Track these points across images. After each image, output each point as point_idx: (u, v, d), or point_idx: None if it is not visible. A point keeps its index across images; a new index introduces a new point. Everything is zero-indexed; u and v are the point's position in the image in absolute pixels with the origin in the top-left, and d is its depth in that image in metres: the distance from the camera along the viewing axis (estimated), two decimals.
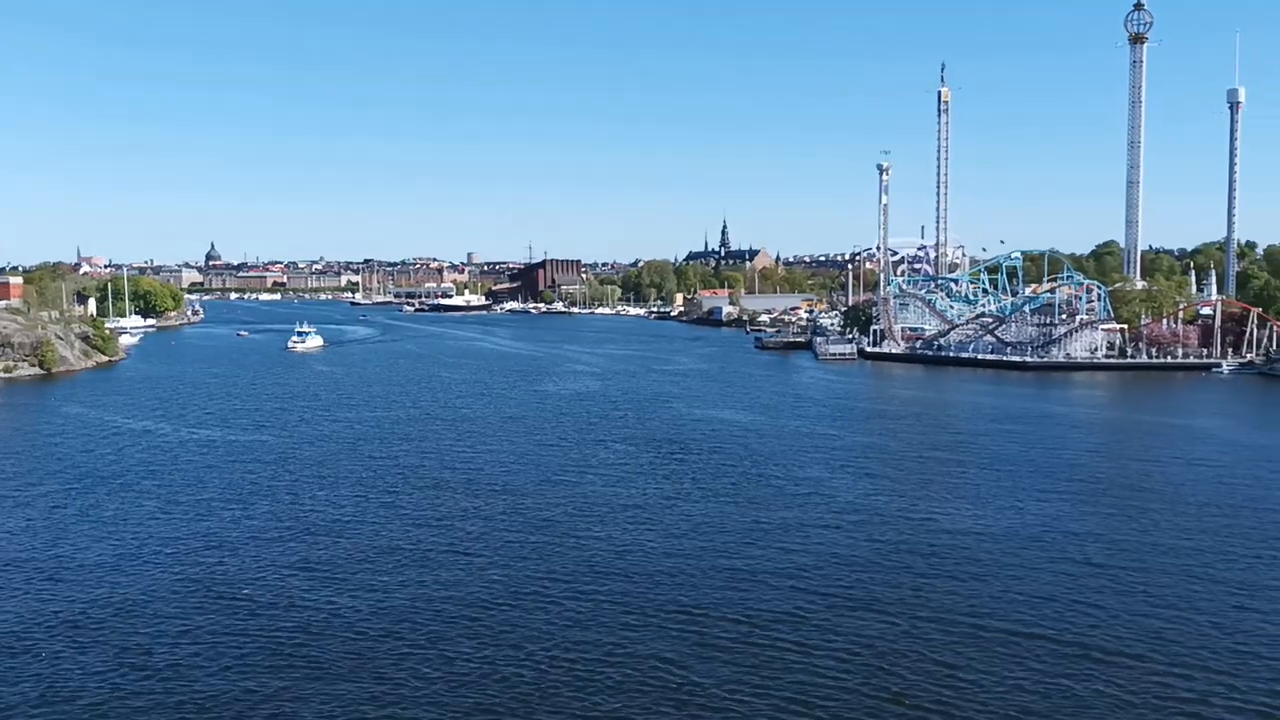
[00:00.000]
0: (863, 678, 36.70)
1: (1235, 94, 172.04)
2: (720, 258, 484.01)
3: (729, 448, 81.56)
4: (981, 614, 42.95)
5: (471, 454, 79.11)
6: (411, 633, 40.81)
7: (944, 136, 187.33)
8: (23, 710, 34.18)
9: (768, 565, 49.66)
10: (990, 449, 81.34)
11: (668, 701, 35.02)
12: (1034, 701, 34.70)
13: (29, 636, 40.45)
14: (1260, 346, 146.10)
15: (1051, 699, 34.85)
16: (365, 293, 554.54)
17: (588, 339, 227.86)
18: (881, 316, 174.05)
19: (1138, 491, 65.75)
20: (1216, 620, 42.02)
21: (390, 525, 57.12)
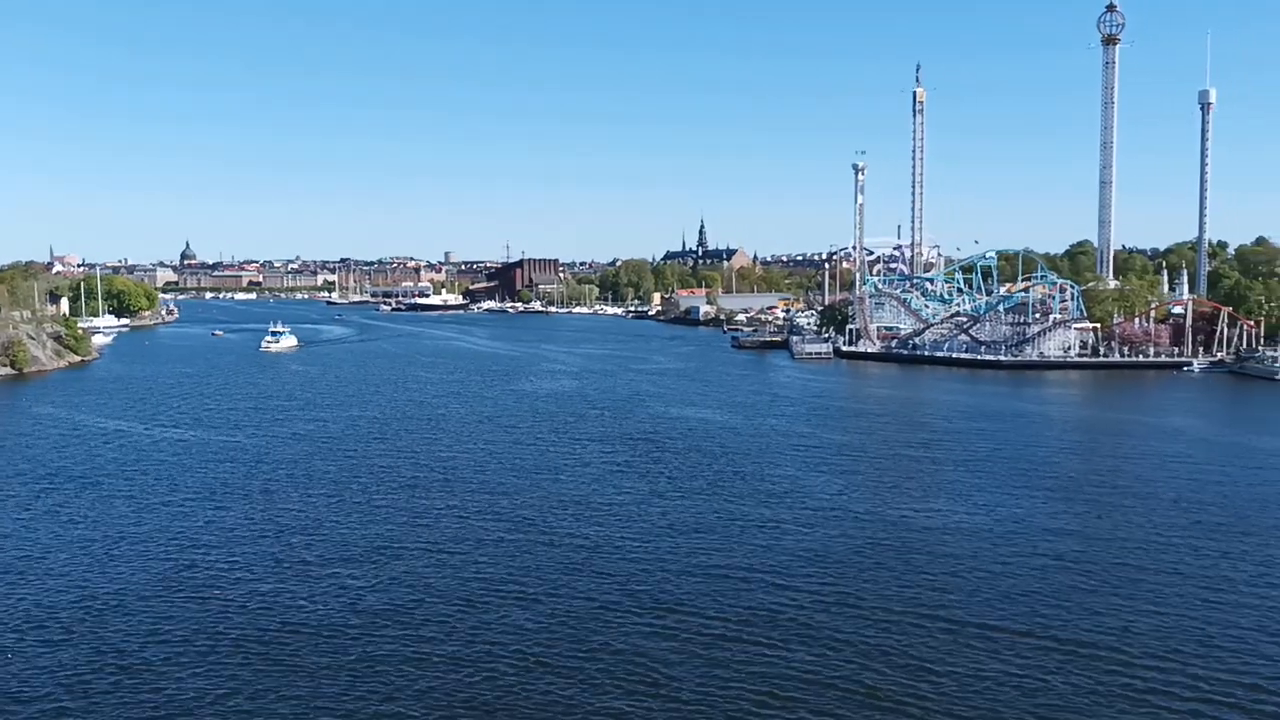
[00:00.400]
0: (838, 673, 36.94)
1: (1206, 95, 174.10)
2: (698, 257, 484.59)
3: (705, 446, 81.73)
4: (956, 610, 43.30)
5: (447, 454, 78.93)
6: (385, 631, 40.73)
7: (919, 137, 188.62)
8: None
9: (744, 562, 49.85)
10: (964, 447, 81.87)
11: (645, 698, 35.13)
12: (1007, 695, 35.03)
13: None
14: (1230, 345, 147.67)
15: (1025, 692, 35.19)
16: (342, 292, 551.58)
17: (565, 338, 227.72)
18: (857, 316, 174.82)
19: (1109, 489, 66.40)
20: (1185, 614, 42.55)
21: (364, 525, 56.93)
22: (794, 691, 35.43)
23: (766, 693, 35.41)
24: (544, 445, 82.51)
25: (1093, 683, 35.85)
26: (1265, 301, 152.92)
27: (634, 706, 34.52)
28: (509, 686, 35.84)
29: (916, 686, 35.79)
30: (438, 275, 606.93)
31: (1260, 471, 70.99)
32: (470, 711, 34.08)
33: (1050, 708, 34.09)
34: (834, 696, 35.11)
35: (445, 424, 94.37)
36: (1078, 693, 35.10)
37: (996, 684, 35.88)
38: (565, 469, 72.61)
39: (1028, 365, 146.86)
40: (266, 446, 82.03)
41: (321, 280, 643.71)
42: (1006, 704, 34.36)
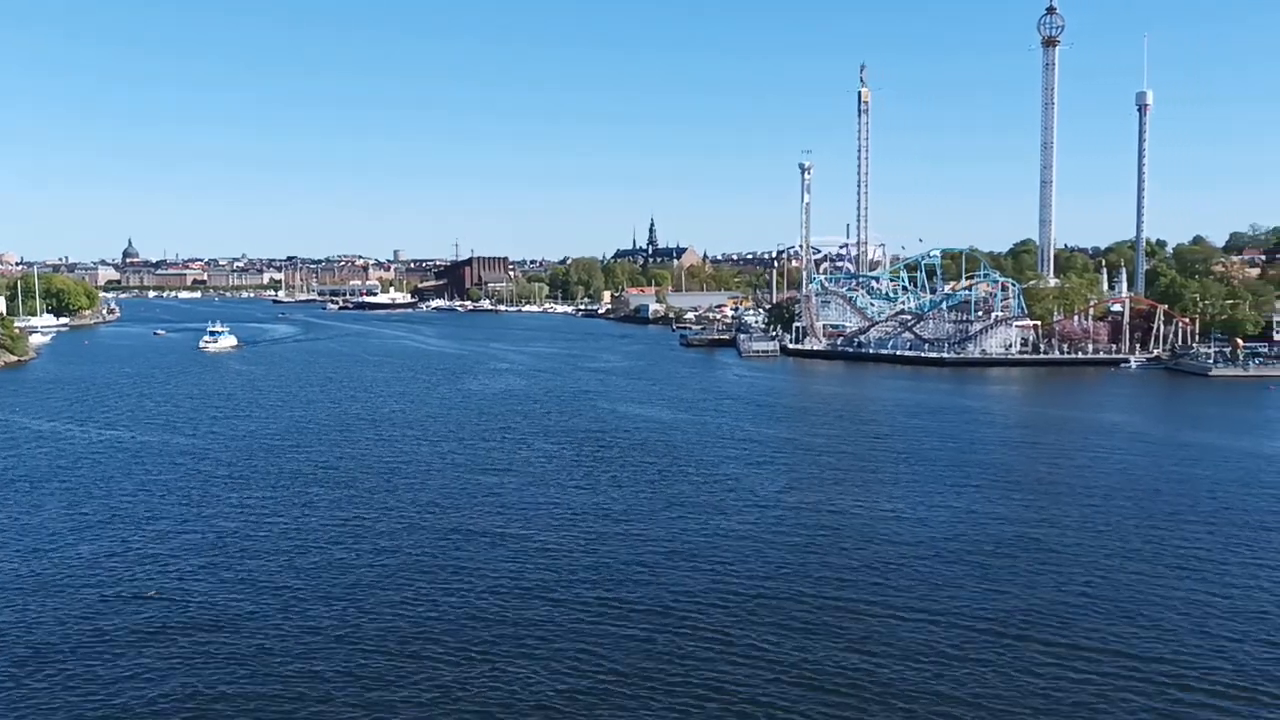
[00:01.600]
0: (781, 665, 37.49)
1: (1143, 96, 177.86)
2: (648, 256, 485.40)
3: (651, 444, 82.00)
4: (897, 601, 44.13)
5: (390, 454, 78.45)
6: (322, 632, 40.44)
7: (864, 137, 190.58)
8: None
9: (689, 558, 50.20)
10: (908, 443, 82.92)
11: (590, 692, 35.36)
12: (948, 682, 35.74)
13: None
14: (1166, 342, 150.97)
15: (964, 680, 35.91)
16: (288, 291, 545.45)
17: (514, 337, 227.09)
18: (803, 314, 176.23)
19: (1048, 483, 67.71)
20: (1118, 600, 43.83)
21: (304, 526, 56.41)
22: (737, 682, 35.84)
23: (711, 684, 35.84)
24: (489, 445, 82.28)
25: (1030, 669, 36.75)
26: (1200, 300, 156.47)
27: (580, 701, 34.68)
28: (452, 683, 35.80)
29: (858, 675, 36.43)
30: (386, 274, 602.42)
31: (1191, 466, 72.65)
32: (413, 707, 34.02)
33: (991, 695, 34.81)
34: (777, 687, 35.58)
35: (389, 424, 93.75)
36: (1015, 679, 35.87)
37: (937, 672, 36.62)
38: (510, 468, 72.48)
39: (970, 362, 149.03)
40: (206, 448, 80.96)
41: (268, 279, 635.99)
42: (946, 691, 35.05)
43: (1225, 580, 46.63)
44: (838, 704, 34.42)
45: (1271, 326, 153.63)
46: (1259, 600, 43.95)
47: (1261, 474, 69.59)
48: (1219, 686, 35.43)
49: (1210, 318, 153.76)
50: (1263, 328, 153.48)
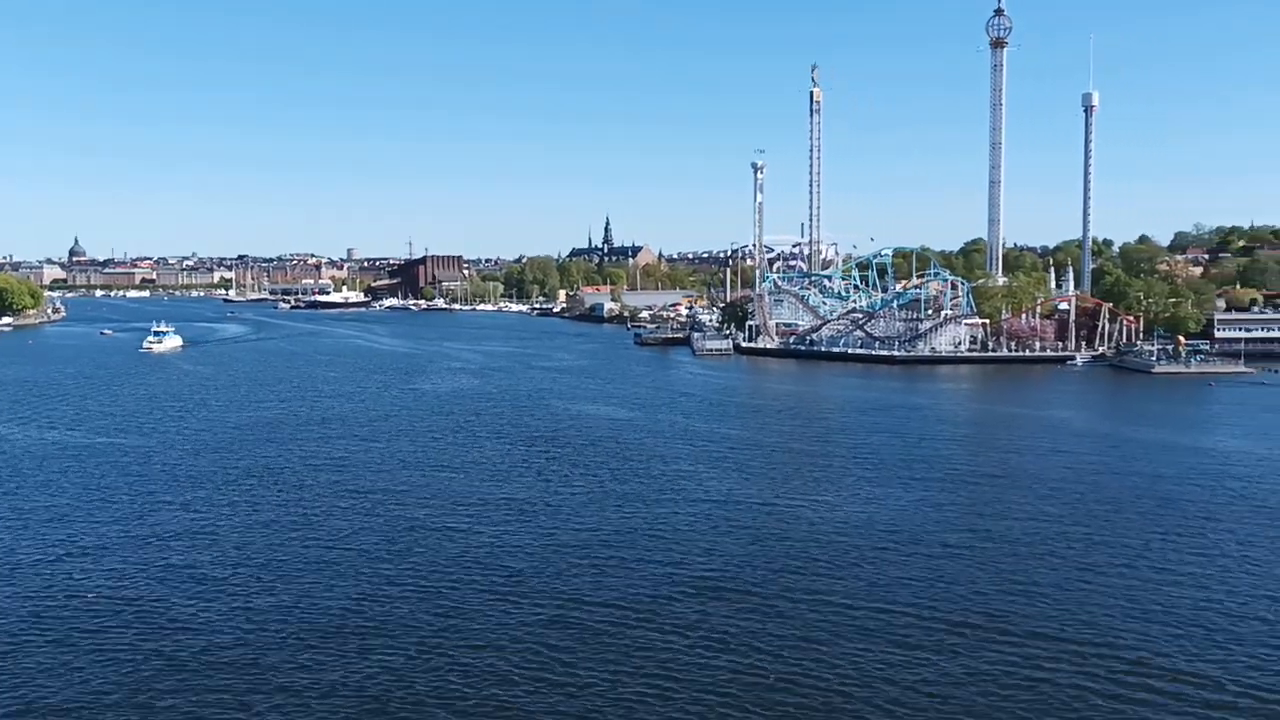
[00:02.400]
0: (734, 657, 37.97)
1: (1089, 97, 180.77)
2: (604, 254, 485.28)
3: (604, 443, 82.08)
4: (848, 595, 44.76)
5: (341, 455, 77.84)
6: (273, 634, 40.05)
7: (816, 137, 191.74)
8: None
9: (642, 554, 50.49)
10: (858, 440, 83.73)
11: (544, 686, 35.57)
12: (898, 673, 36.39)
13: None
14: (1111, 340, 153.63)
15: (915, 670, 36.57)
16: (239, 290, 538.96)
17: (468, 336, 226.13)
18: (757, 312, 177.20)
19: (995, 479, 68.72)
20: (1062, 594, 44.74)
21: (251, 528, 55.82)
22: (690, 676, 36.19)
23: (664, 677, 36.21)
24: (441, 445, 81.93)
25: (978, 659, 37.53)
26: (1144, 298, 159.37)
27: (535, 696, 34.84)
28: (409, 681, 35.80)
29: (810, 667, 37.00)
30: (339, 272, 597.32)
31: (1134, 461, 74.09)
32: (365, 707, 33.88)
33: (941, 685, 35.46)
34: (730, 679, 36.01)
35: (340, 425, 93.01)
36: (964, 669, 36.58)
37: (886, 663, 37.23)
38: (462, 467, 72.28)
39: (920, 360, 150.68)
40: (151, 449, 79.85)
41: (218, 277, 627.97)
42: (898, 680, 35.71)
43: (1165, 572, 47.65)
44: (787, 695, 34.81)
45: (1213, 324, 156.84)
46: (1196, 590, 44.96)
47: (1202, 469, 71.09)
48: (1156, 670, 36.37)
49: (1154, 316, 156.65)
50: (1204, 325, 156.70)
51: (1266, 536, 53.64)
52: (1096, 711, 33.75)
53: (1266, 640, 39.51)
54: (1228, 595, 44.57)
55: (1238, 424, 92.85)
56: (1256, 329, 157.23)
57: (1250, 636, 39.84)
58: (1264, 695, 34.75)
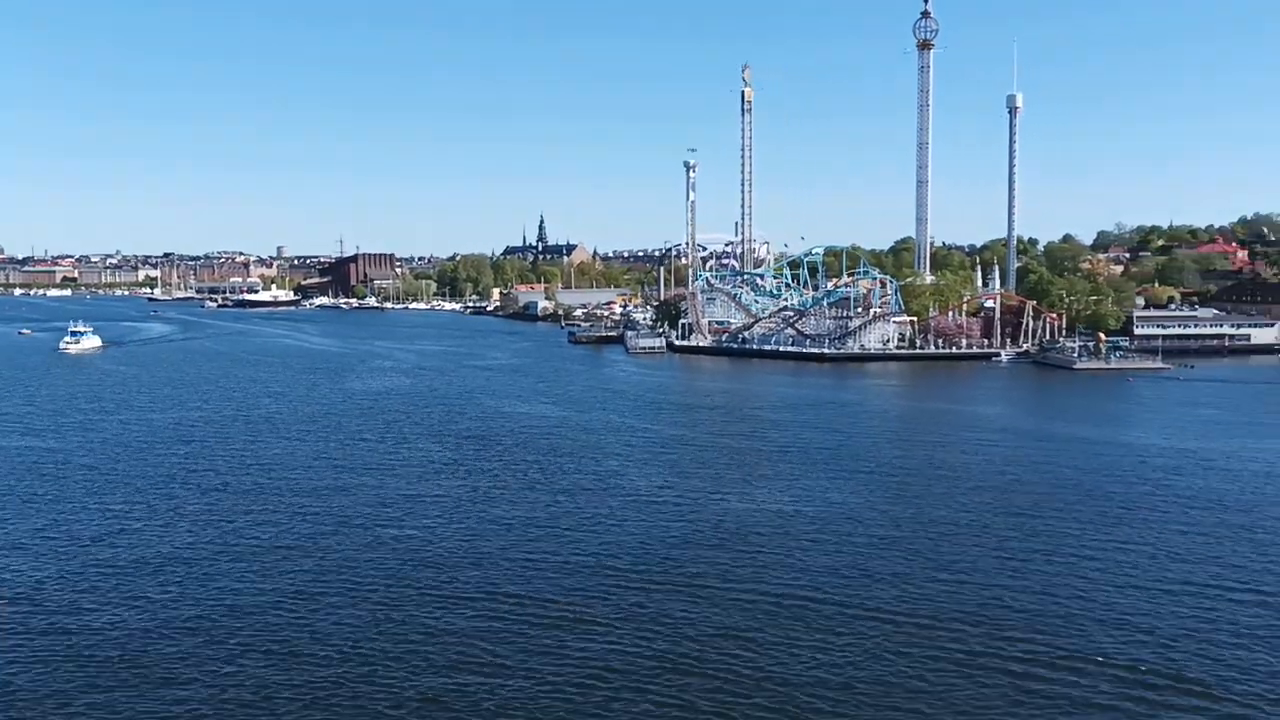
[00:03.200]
0: (663, 648, 38.54)
1: (1013, 99, 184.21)
2: (538, 253, 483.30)
3: (535, 442, 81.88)
4: (778, 587, 45.58)
5: (267, 456, 76.64)
6: (196, 639, 39.31)
7: (748, 136, 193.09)
8: None
9: (573, 550, 50.66)
10: (788, 437, 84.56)
11: (477, 679, 35.78)
12: (827, 660, 37.17)
13: None
14: (1035, 337, 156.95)
15: (839, 661, 37.26)
16: (165, 289, 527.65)
17: (400, 335, 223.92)
18: (689, 311, 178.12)
19: (921, 473, 69.94)
20: (985, 584, 45.85)
21: (172, 531, 54.74)
22: (619, 668, 36.64)
23: (595, 668, 36.60)
24: (370, 444, 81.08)
25: (904, 646, 38.63)
26: (1066, 296, 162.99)
27: (468, 688, 35.04)
28: (327, 679, 35.58)
29: (740, 655, 37.71)
30: (269, 271, 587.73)
31: (1054, 456, 75.88)
32: (288, 704, 33.47)
33: (870, 672, 36.39)
34: (659, 671, 36.54)
35: (266, 425, 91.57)
36: (892, 656, 37.61)
37: (815, 651, 38.15)
38: (391, 468, 71.60)
39: (849, 358, 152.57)
40: (68, 451, 77.88)
41: (143, 276, 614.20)
42: (826, 664, 36.62)
43: (1084, 561, 48.98)
44: (717, 688, 35.22)
45: (1132, 322, 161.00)
46: (1113, 578, 46.26)
47: (1120, 463, 73.05)
48: (1075, 655, 37.59)
49: (1076, 314, 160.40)
50: (1124, 323, 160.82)
51: (1180, 527, 55.33)
52: (1017, 694, 34.67)
53: (1179, 624, 40.85)
54: (1143, 583, 45.89)
55: (1154, 419, 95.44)
56: (1173, 326, 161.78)
57: (1164, 622, 41.14)
58: (1175, 674, 36.19)
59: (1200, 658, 37.74)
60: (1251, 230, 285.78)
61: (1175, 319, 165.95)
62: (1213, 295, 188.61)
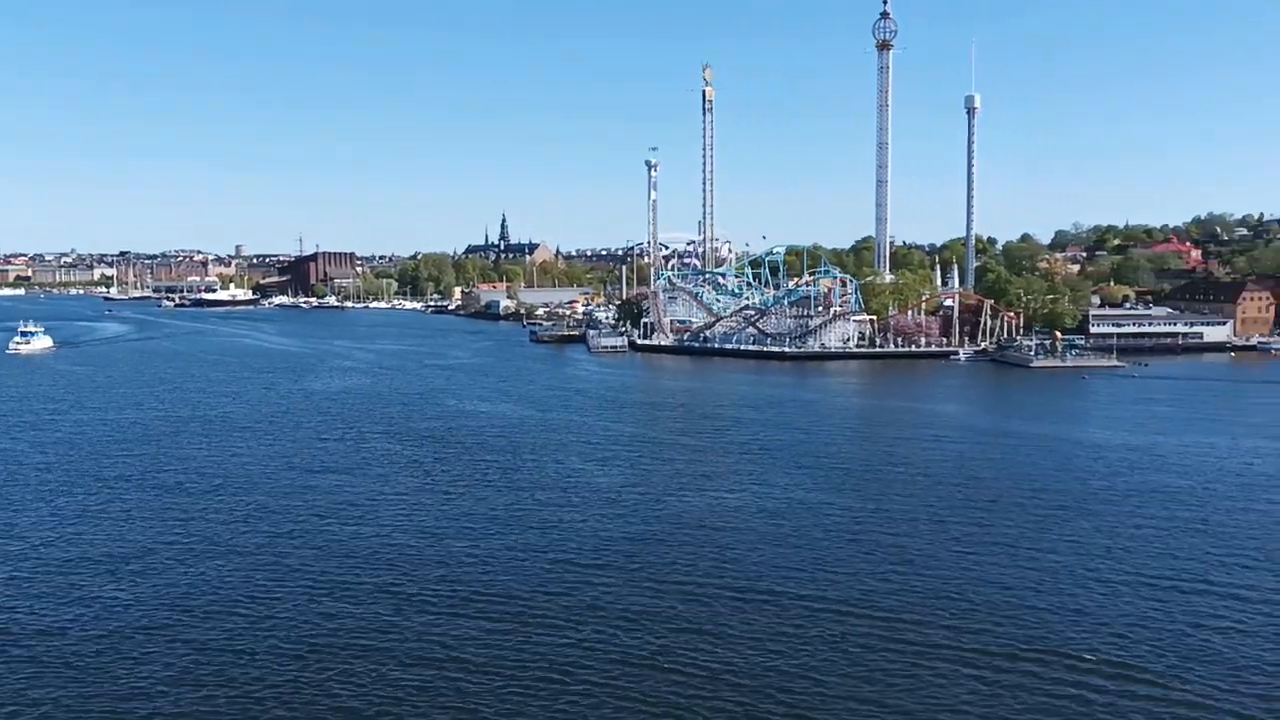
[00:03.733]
0: (624, 642, 38.88)
1: (972, 100, 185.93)
2: (500, 251, 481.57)
3: (496, 442, 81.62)
4: (739, 581, 46.20)
5: (221, 457, 75.83)
6: (147, 636, 38.92)
7: (709, 136, 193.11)
8: None
9: (532, 548, 50.74)
10: (749, 435, 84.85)
11: (430, 671, 36.08)
12: (788, 651, 37.78)
13: None
14: (993, 335, 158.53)
15: (801, 654, 37.84)
16: (121, 288, 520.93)
17: (359, 334, 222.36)
18: (652, 310, 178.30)
19: (880, 471, 70.38)
20: (941, 575, 46.74)
21: (121, 532, 54.10)
22: (579, 662, 36.94)
23: (554, 663, 36.87)
24: (328, 445, 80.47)
25: (864, 638, 39.42)
26: (1024, 294, 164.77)
27: (424, 681, 35.24)
28: (286, 680, 35.41)
29: (699, 651, 38.13)
30: (227, 269, 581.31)
31: (1011, 453, 76.84)
32: (245, 706, 33.17)
33: (828, 660, 37.22)
34: (620, 664, 36.95)
35: (222, 425, 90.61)
36: (852, 647, 38.39)
37: (774, 644, 38.78)
38: (349, 468, 71.10)
39: (810, 356, 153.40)
40: (19, 453, 76.74)
41: (99, 275, 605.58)
42: (783, 653, 37.34)
43: (1038, 556, 49.72)
44: (681, 683, 35.59)
45: (1088, 320, 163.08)
46: (1066, 572, 46.93)
47: (1074, 458, 74.03)
48: (1027, 648, 38.20)
49: (1033, 312, 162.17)
50: (1080, 321, 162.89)
51: (1131, 522, 56.21)
52: (975, 684, 35.30)
53: (1128, 618, 41.55)
54: (1097, 575, 46.67)
55: (1108, 416, 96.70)
56: (1128, 324, 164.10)
57: (1115, 615, 41.87)
58: (1125, 665, 37.00)
59: (1151, 646, 38.60)
60: (1205, 230, 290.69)
61: (1130, 318, 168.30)
62: (1167, 294, 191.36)
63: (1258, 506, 59.84)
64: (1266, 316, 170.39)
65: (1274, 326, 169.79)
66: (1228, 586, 45.51)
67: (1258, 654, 38.06)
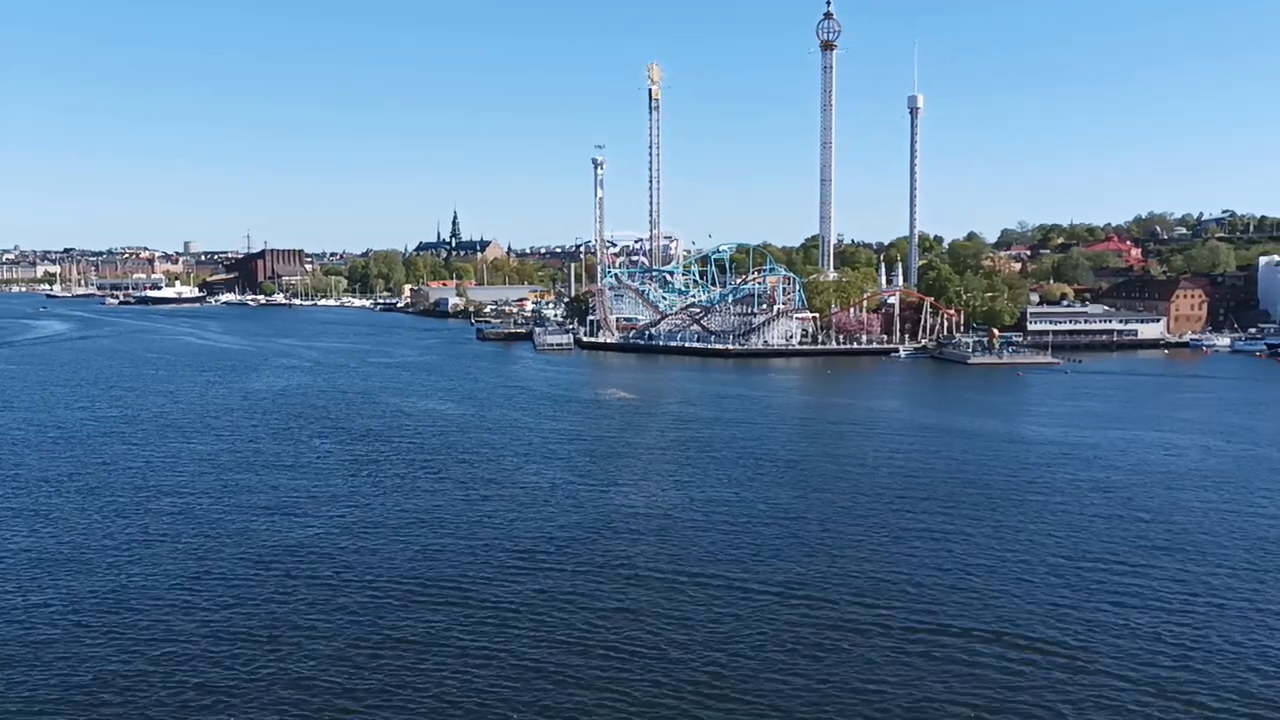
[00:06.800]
0: (557, 628, 40.06)
1: (914, 100, 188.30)
2: (451, 249, 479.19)
3: (436, 440, 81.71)
4: (672, 566, 47.83)
5: (155, 457, 75.17)
6: (60, 633, 38.80)
7: (655, 134, 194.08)
8: None
9: (469, 543, 51.22)
10: (690, 432, 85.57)
11: (361, 657, 36.97)
12: (725, 640, 38.99)
13: None
14: (933, 332, 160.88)
15: (740, 639, 39.18)
16: (65, 285, 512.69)
17: (306, 332, 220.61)
18: (597, 307, 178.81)
19: (817, 465, 71.59)
20: (872, 567, 48.11)
21: (47, 534, 53.67)
22: (520, 649, 38.06)
23: (490, 650, 37.88)
24: (266, 444, 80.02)
25: (803, 618, 41.21)
26: (963, 292, 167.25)
27: (350, 668, 36.01)
28: (215, 679, 35.50)
29: (639, 634, 39.56)
30: (174, 267, 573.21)
31: (945, 447, 78.15)
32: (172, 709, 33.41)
33: (765, 638, 39.00)
34: (553, 650, 38.02)
35: (159, 425, 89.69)
36: (790, 627, 40.28)
37: (714, 628, 40.28)
38: (288, 467, 70.85)
39: (753, 353, 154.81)
40: None
41: (42, 272, 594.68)
42: (724, 652, 38.07)
43: (965, 542, 51.43)
44: (613, 664, 36.85)
45: (1026, 318, 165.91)
46: (992, 561, 48.36)
47: (1005, 453, 75.60)
48: (952, 630, 39.88)
49: (973, 309, 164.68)
50: (1018, 319, 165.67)
51: (1055, 511, 57.79)
52: (893, 661, 36.98)
53: (1045, 597, 43.55)
54: (1020, 565, 48.13)
55: (1040, 412, 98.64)
56: (1064, 322, 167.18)
57: (1032, 595, 43.73)
58: (1040, 640, 38.90)
59: (1065, 623, 40.56)
60: (1145, 229, 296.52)
61: (1066, 315, 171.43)
62: (1104, 292, 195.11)
63: (1181, 497, 61.66)
64: (1199, 314, 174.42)
65: (1206, 324, 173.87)
66: (1141, 568, 47.46)
67: (1168, 628, 40.23)
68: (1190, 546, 51.22)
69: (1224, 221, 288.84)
